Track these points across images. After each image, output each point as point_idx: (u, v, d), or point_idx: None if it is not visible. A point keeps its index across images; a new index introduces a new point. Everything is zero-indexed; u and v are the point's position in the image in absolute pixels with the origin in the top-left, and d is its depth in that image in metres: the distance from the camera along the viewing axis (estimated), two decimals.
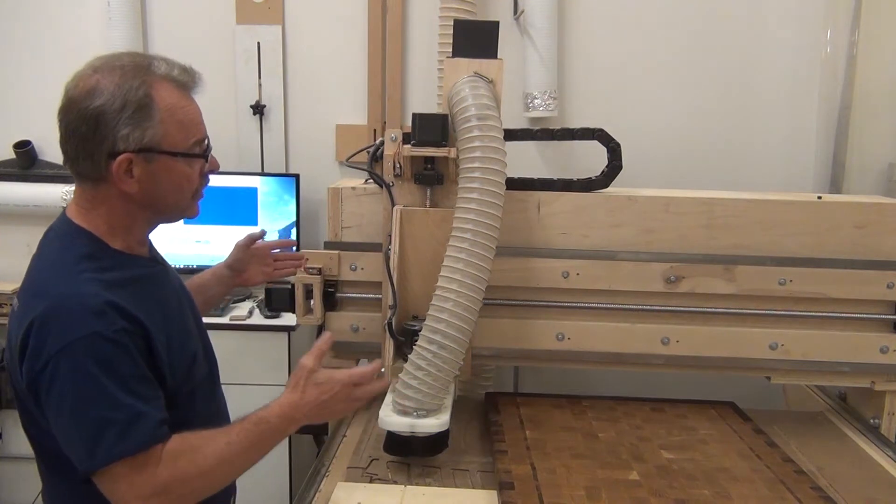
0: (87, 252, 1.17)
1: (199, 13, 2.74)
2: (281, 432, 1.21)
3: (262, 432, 1.18)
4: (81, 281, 1.13)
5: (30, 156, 2.68)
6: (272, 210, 2.66)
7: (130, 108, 1.12)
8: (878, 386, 1.83)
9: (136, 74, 1.13)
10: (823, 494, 1.42)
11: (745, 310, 1.81)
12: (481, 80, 1.66)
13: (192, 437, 1.15)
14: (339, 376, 1.24)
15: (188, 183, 1.21)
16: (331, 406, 1.23)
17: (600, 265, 1.79)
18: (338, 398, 1.24)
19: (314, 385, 1.22)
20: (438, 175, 1.71)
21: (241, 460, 1.17)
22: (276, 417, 1.20)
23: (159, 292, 1.25)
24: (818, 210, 1.79)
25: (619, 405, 1.84)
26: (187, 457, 1.12)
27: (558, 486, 1.41)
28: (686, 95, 2.68)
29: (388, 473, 1.52)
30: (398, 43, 2.68)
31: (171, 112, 1.15)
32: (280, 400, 1.22)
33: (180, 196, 1.21)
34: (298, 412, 1.21)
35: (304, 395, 1.22)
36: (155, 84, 1.15)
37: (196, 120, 1.20)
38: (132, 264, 1.22)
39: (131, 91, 1.12)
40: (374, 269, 1.79)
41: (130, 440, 1.08)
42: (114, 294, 1.13)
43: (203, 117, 1.22)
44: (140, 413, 1.10)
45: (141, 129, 1.13)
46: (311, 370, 1.23)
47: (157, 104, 1.14)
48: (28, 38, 2.74)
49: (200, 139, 1.21)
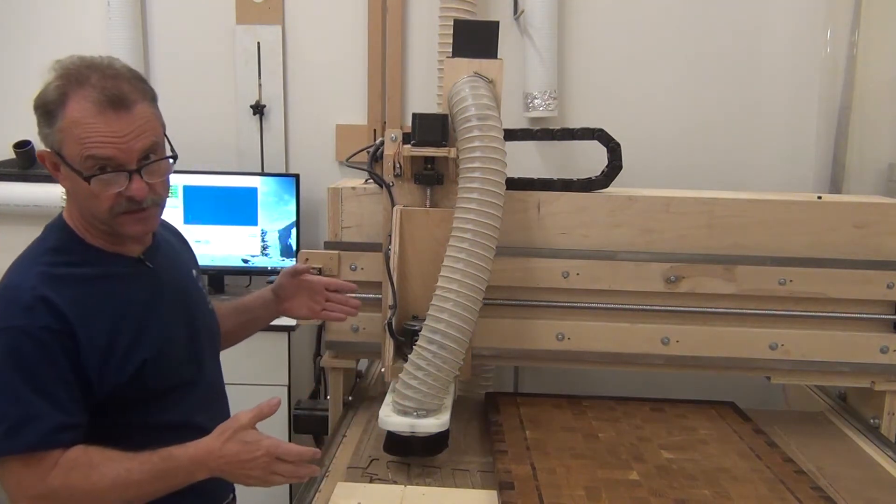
0: (56, 245, 1.21)
1: (199, 13, 2.74)
2: (188, 474, 1.19)
3: (167, 469, 1.17)
4: (29, 274, 1.17)
5: (30, 156, 2.68)
6: (272, 210, 2.66)
7: (42, 108, 1.16)
8: (878, 386, 1.83)
9: (65, 78, 1.15)
10: (823, 494, 1.42)
11: (745, 310, 1.81)
12: (481, 80, 1.66)
13: (95, 452, 1.15)
14: (265, 442, 1.20)
15: (92, 198, 1.17)
16: (247, 468, 1.19)
17: (600, 265, 1.79)
18: (256, 464, 1.19)
19: (239, 441, 1.19)
20: (438, 175, 1.71)
21: (137, 489, 1.16)
22: (188, 459, 1.18)
23: (125, 293, 1.24)
24: (818, 210, 1.79)
25: (619, 405, 1.84)
26: (82, 471, 1.13)
27: (558, 486, 1.41)
28: (686, 95, 2.68)
29: (388, 473, 1.52)
30: (398, 43, 2.68)
31: (73, 124, 1.13)
32: (199, 443, 1.20)
33: (93, 207, 1.18)
34: (213, 461, 1.18)
35: (223, 447, 1.19)
36: (73, 94, 1.14)
37: (97, 140, 1.14)
38: (104, 261, 1.23)
39: (50, 92, 1.15)
40: (374, 269, 1.79)
41: (20, 439, 1.10)
42: (55, 290, 1.15)
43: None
44: (38, 414, 1.11)
45: (47, 129, 1.16)
46: (242, 426, 1.20)
47: (64, 112, 1.14)
48: (28, 38, 2.74)
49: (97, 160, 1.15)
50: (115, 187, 1.17)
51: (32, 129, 1.19)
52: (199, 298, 1.42)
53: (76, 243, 1.22)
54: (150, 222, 1.26)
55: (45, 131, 1.17)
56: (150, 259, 1.31)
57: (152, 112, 1.21)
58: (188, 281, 1.41)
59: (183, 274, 1.40)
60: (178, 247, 1.47)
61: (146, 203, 1.21)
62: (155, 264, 1.32)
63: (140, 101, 1.18)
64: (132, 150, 1.16)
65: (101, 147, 1.14)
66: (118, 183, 1.17)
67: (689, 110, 2.68)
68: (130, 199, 1.18)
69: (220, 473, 1.20)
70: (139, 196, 1.18)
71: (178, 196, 2.62)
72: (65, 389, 1.14)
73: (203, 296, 1.45)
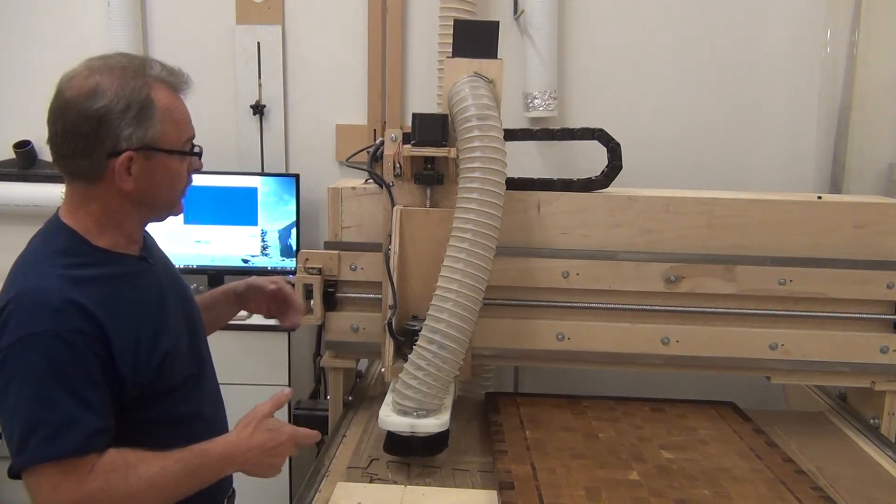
0: (63, 248, 1.20)
1: (199, 13, 2.74)
2: (219, 470, 1.22)
3: (200, 465, 1.18)
4: (48, 276, 1.14)
5: (30, 156, 2.68)
6: (272, 210, 2.66)
7: (134, 109, 1.16)
8: (878, 386, 1.83)
9: (136, 76, 1.18)
10: (823, 494, 1.42)
11: (745, 310, 1.81)
12: (481, 80, 1.66)
13: (129, 454, 1.14)
14: (286, 429, 1.28)
15: (179, 179, 1.25)
16: (273, 455, 1.25)
17: (600, 265, 1.79)
18: (281, 449, 1.25)
19: (265, 430, 1.24)
20: (438, 175, 1.71)
21: (172, 488, 1.16)
22: (218, 454, 1.20)
23: (139, 291, 1.25)
24: (818, 210, 1.79)
25: (619, 405, 1.85)
26: (120, 473, 1.12)
27: (558, 486, 1.41)
28: (686, 95, 2.68)
29: (388, 473, 1.53)
30: (398, 43, 2.68)
31: (168, 112, 1.20)
32: (227, 437, 1.23)
33: (172, 192, 1.26)
34: (242, 454, 1.22)
35: (252, 438, 1.23)
36: (153, 85, 1.19)
37: (187, 119, 1.25)
38: (113, 262, 1.23)
39: (134, 92, 1.16)
40: (374, 269, 1.79)
41: (59, 444, 1.08)
42: (80, 292, 1.13)
43: (194, 117, 1.27)
44: (75, 419, 1.10)
45: (143, 128, 1.17)
46: (265, 415, 1.26)
47: (156, 105, 1.18)
48: (28, 38, 2.74)
49: (191, 137, 1.26)
50: (198, 162, 1.29)
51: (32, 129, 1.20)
52: (187, 290, 1.43)
53: (83, 245, 1.21)
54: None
55: (139, 133, 1.16)
56: (149, 256, 1.32)
57: None
58: (176, 274, 1.42)
59: (171, 268, 1.41)
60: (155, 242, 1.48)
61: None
62: (154, 261, 1.33)
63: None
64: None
65: (190, 126, 1.25)
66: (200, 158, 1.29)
67: (689, 110, 2.68)
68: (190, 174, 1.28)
69: (245, 466, 1.24)
70: (201, 169, 1.31)
71: None
72: (97, 392, 1.13)
73: (188, 287, 1.46)
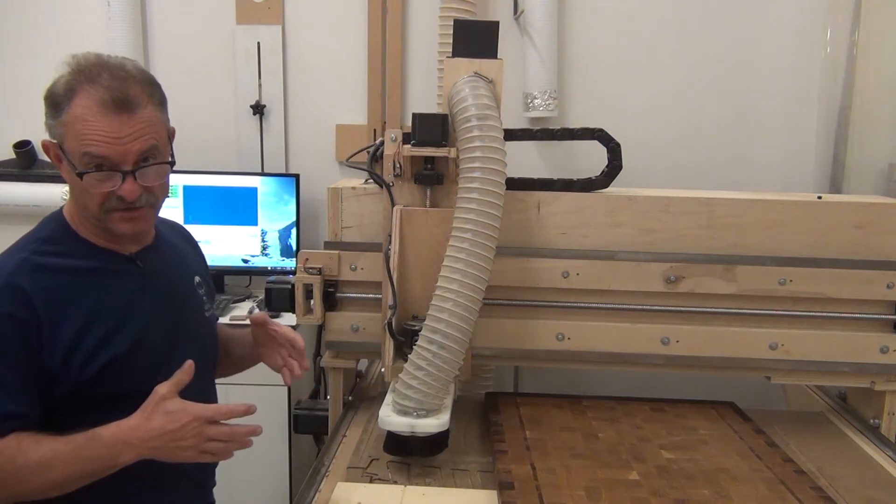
0: (47, 235, 1.24)
1: (199, 13, 2.74)
2: (114, 454, 1.15)
3: (90, 447, 1.15)
4: (11, 259, 1.20)
5: (30, 156, 2.68)
6: (272, 210, 2.66)
7: (50, 99, 1.18)
8: (878, 386, 1.83)
9: (76, 74, 1.17)
10: (823, 494, 1.42)
11: (745, 310, 1.81)
12: (481, 80, 1.66)
13: (27, 438, 1.14)
14: (191, 408, 1.17)
15: (84, 193, 1.20)
16: (177, 439, 1.16)
17: (600, 265, 1.79)
18: (186, 431, 1.16)
19: (163, 413, 1.16)
20: (438, 175, 1.71)
21: (62, 470, 1.14)
22: (110, 436, 1.15)
23: (107, 290, 1.25)
24: (818, 210, 1.79)
25: (619, 405, 1.84)
26: (7, 454, 1.12)
27: (558, 486, 1.41)
28: (686, 95, 2.68)
29: (388, 473, 1.52)
30: (398, 43, 2.68)
31: (77, 120, 1.16)
32: (122, 422, 1.17)
33: (86, 201, 1.21)
34: (138, 438, 1.16)
35: (148, 421, 1.16)
36: (83, 90, 1.16)
37: (96, 139, 1.16)
38: (93, 256, 1.25)
39: (59, 85, 1.17)
40: (374, 269, 1.79)
41: None
42: (30, 278, 1.17)
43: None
44: None
45: (52, 121, 1.18)
46: (163, 396, 1.18)
47: (70, 107, 1.16)
48: (28, 38, 2.74)
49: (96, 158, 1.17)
50: (108, 186, 1.19)
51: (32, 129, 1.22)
52: (192, 305, 1.41)
53: (68, 235, 1.25)
54: (142, 222, 1.26)
55: (50, 122, 1.19)
56: (143, 259, 1.31)
57: (157, 116, 1.22)
58: (183, 286, 1.40)
59: (177, 278, 1.39)
60: (185, 251, 1.47)
61: (139, 203, 1.22)
62: (146, 265, 1.32)
63: (146, 104, 1.19)
64: (129, 151, 1.18)
65: (98, 146, 1.16)
66: (111, 182, 1.19)
67: (689, 110, 2.69)
68: (121, 198, 1.20)
69: (150, 453, 1.17)
70: (130, 197, 1.20)
71: (178, 196, 2.63)
72: (15, 377, 1.14)
73: (199, 303, 1.44)
